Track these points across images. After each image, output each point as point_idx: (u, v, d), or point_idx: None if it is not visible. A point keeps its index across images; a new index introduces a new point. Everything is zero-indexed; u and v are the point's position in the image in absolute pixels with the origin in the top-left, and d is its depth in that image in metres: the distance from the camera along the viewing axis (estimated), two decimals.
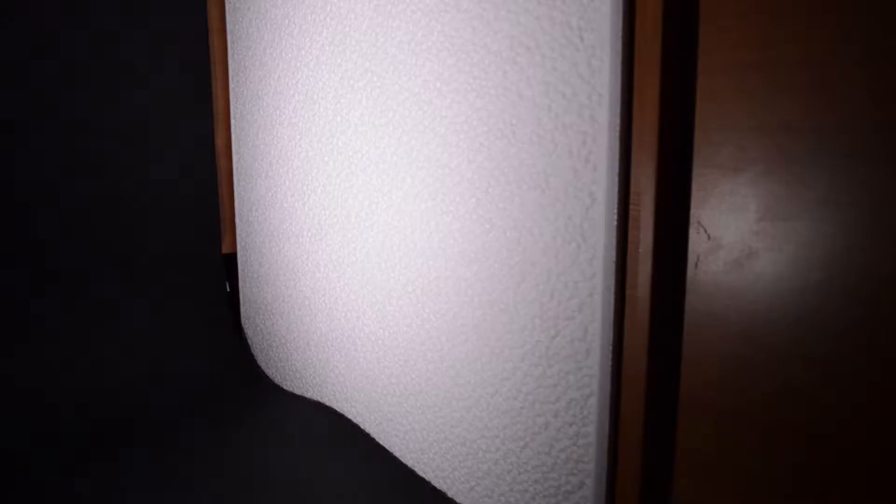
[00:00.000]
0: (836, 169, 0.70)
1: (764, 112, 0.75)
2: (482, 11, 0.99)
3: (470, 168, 1.05)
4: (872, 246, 0.68)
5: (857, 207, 0.68)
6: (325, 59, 1.37)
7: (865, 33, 0.67)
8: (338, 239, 1.40)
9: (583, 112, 0.87)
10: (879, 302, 0.68)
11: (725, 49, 0.78)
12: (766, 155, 0.75)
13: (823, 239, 0.71)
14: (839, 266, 0.71)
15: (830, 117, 0.69)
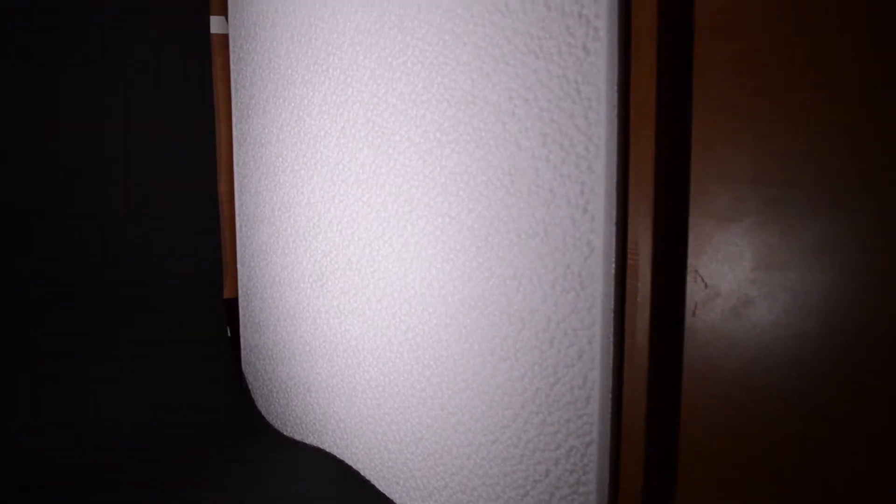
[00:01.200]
0: (829, 219, 0.71)
1: (758, 163, 0.76)
2: (481, 64, 1.02)
3: (470, 217, 1.06)
4: (866, 295, 0.69)
5: (850, 258, 0.70)
6: (327, 108, 1.40)
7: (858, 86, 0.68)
8: (339, 285, 1.41)
9: (580, 163, 0.89)
10: (875, 351, 0.69)
11: (720, 101, 0.79)
12: (761, 205, 0.76)
13: (818, 288, 0.72)
14: (834, 314, 0.71)
15: (823, 169, 0.71)
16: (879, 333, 0.68)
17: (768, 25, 0.74)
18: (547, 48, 0.92)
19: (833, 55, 0.69)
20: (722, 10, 0.78)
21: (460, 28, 1.05)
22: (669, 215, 0.85)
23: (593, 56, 0.86)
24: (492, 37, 1.00)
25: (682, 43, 0.82)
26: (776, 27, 0.73)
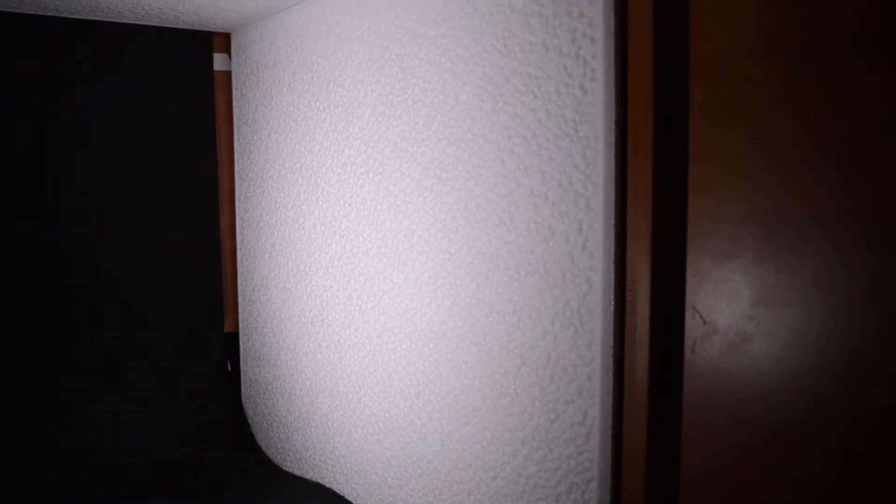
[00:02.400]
0: (824, 256, 0.72)
1: (754, 201, 0.77)
2: (480, 103, 1.03)
3: (470, 253, 1.07)
4: (863, 331, 0.69)
5: (847, 294, 0.70)
6: (328, 144, 1.41)
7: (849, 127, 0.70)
8: (340, 320, 1.41)
9: (578, 200, 0.90)
10: (873, 387, 0.69)
11: (715, 139, 0.81)
12: (757, 242, 0.77)
13: (815, 325, 0.73)
14: (832, 351, 0.72)
15: (816, 207, 0.72)
16: (878, 368, 0.68)
17: (762, 69, 0.75)
18: (545, 88, 0.93)
19: (824, 98, 0.71)
20: (716, 55, 0.80)
21: (460, 67, 1.07)
22: (667, 252, 0.86)
23: (591, 96, 0.88)
24: (491, 76, 1.01)
25: (678, 84, 0.84)
26: (770, 71, 0.75)
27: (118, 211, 1.69)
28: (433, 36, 1.11)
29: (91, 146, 1.65)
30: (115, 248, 1.69)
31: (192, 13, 1.55)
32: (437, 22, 1.11)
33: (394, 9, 1.20)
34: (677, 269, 0.86)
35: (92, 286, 1.67)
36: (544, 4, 0.93)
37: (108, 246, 1.68)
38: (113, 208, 1.68)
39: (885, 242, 0.67)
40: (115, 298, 1.69)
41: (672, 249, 0.86)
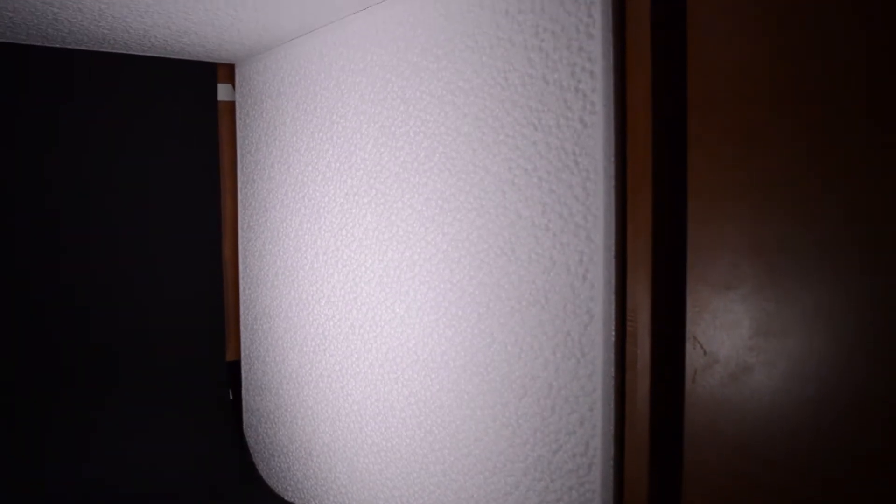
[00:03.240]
0: (823, 286, 0.72)
1: (752, 231, 0.78)
2: (482, 135, 1.04)
3: (472, 283, 1.08)
4: (863, 361, 0.70)
5: (846, 324, 0.71)
6: (331, 175, 1.42)
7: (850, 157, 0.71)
8: (341, 349, 1.42)
9: (579, 232, 0.91)
10: (873, 416, 0.69)
11: (714, 171, 0.82)
12: (757, 272, 0.78)
13: (815, 355, 0.73)
14: (832, 381, 0.72)
15: (816, 237, 0.73)
16: (877, 398, 0.69)
17: (760, 100, 0.77)
18: (546, 120, 0.95)
19: (824, 128, 0.72)
20: (714, 88, 0.81)
21: (461, 100, 1.08)
22: (667, 283, 0.86)
23: (590, 129, 0.89)
24: (492, 109, 1.03)
25: (676, 116, 0.85)
26: (768, 102, 0.76)
27: (121, 238, 1.70)
28: (435, 69, 1.13)
29: (94, 175, 1.66)
30: (117, 274, 1.70)
31: (197, 45, 1.57)
32: (438, 55, 1.12)
33: (396, 42, 1.21)
34: (677, 300, 0.86)
35: (93, 312, 1.67)
36: (544, 39, 0.94)
37: (111, 272, 1.69)
38: (116, 236, 1.69)
39: (886, 272, 0.68)
40: (116, 325, 1.70)
41: (672, 280, 0.86)
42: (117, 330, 1.70)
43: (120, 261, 1.70)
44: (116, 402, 1.70)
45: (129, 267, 1.71)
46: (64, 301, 1.64)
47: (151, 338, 1.74)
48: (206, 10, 1.28)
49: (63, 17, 1.31)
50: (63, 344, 1.64)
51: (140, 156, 1.71)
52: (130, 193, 1.70)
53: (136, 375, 1.73)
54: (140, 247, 1.72)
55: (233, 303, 1.87)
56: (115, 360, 1.70)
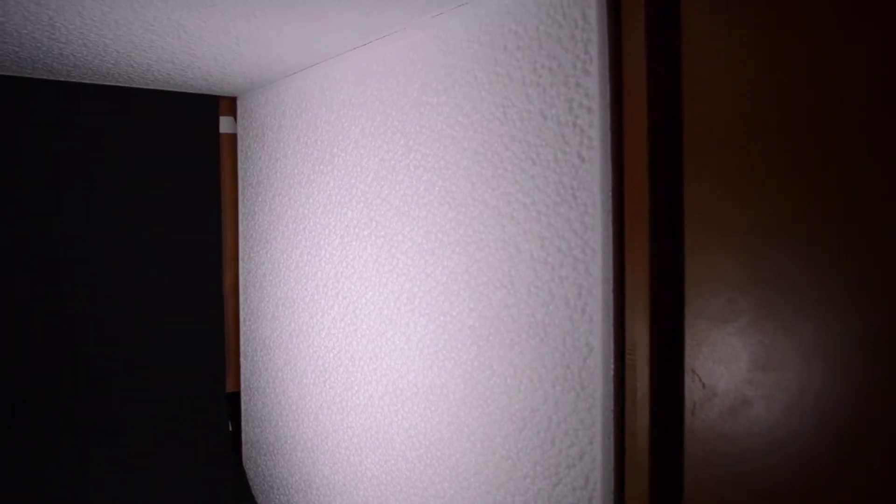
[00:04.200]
0: (820, 320, 0.73)
1: (749, 265, 0.79)
2: (481, 169, 1.05)
3: (471, 316, 1.08)
4: (861, 395, 0.70)
5: (843, 358, 0.71)
6: (331, 207, 1.43)
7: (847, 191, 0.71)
8: (341, 381, 1.42)
9: (577, 265, 0.91)
10: (871, 449, 0.69)
11: (710, 206, 0.82)
12: (754, 306, 0.78)
13: (814, 388, 0.74)
14: (831, 414, 0.73)
15: (814, 272, 0.73)
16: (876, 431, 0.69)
17: (756, 136, 0.78)
18: (544, 155, 0.96)
19: (820, 165, 0.73)
20: (710, 124, 0.82)
21: (460, 134, 1.09)
22: (666, 316, 0.87)
23: (588, 164, 0.90)
24: (490, 143, 1.04)
25: (673, 152, 0.86)
26: (763, 139, 0.77)
27: (122, 268, 1.71)
28: (434, 103, 1.14)
29: (96, 205, 1.67)
30: (118, 305, 1.70)
31: (200, 79, 1.59)
32: (438, 90, 1.14)
33: (396, 77, 1.23)
34: (676, 333, 0.87)
35: (94, 344, 1.67)
36: (542, 75, 0.96)
37: (111, 303, 1.69)
38: (117, 265, 1.70)
39: (883, 306, 0.68)
40: (116, 357, 1.70)
41: (670, 313, 0.87)
42: (117, 361, 1.70)
43: (121, 291, 1.70)
44: (116, 433, 1.69)
45: (130, 297, 1.72)
46: (64, 332, 1.64)
47: (151, 369, 1.74)
48: (210, 46, 1.30)
49: (68, 51, 1.32)
50: (63, 376, 1.64)
51: (142, 187, 1.73)
52: (132, 224, 1.71)
53: (135, 407, 1.72)
54: (141, 277, 1.73)
55: (233, 334, 1.88)
56: (115, 392, 1.70)
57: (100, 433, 1.67)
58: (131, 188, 1.71)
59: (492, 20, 1.04)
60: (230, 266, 1.87)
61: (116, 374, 1.70)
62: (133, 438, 1.71)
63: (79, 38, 1.23)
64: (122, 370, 1.71)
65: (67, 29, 1.18)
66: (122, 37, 1.23)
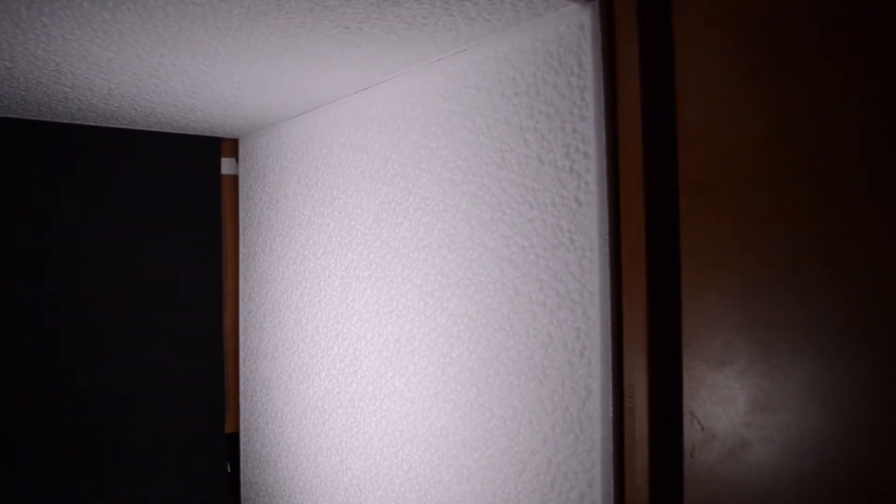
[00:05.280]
0: (817, 363, 0.74)
1: (745, 308, 0.80)
2: (479, 212, 1.07)
3: (470, 358, 1.09)
4: (860, 436, 0.70)
5: (841, 401, 0.72)
6: (332, 248, 1.45)
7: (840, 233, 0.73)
8: (341, 423, 1.42)
9: (575, 308, 0.92)
10: (870, 492, 0.70)
11: (706, 250, 0.84)
12: (751, 348, 0.79)
13: (812, 431, 0.74)
14: (829, 457, 0.73)
15: (808, 312, 0.74)
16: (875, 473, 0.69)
17: (751, 180, 0.79)
18: (541, 199, 0.97)
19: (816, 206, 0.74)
20: (705, 168, 0.83)
21: (459, 178, 1.11)
22: (664, 359, 0.87)
23: (585, 208, 0.91)
24: (489, 187, 1.05)
25: (668, 196, 0.87)
26: (758, 181, 0.78)
27: (121, 307, 1.71)
28: (434, 147, 1.16)
29: (97, 245, 1.68)
30: (117, 345, 1.70)
31: (202, 121, 1.61)
32: (437, 134, 1.16)
33: (396, 121, 1.25)
34: (674, 375, 0.87)
35: (93, 383, 1.67)
36: (539, 120, 0.98)
37: (110, 342, 1.70)
38: (116, 305, 1.70)
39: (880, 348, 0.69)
40: (115, 396, 1.70)
41: (668, 355, 0.87)
42: (116, 401, 1.70)
43: (121, 330, 1.71)
44: (115, 474, 1.68)
45: (131, 336, 1.72)
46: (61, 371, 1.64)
47: (150, 409, 1.74)
48: (213, 90, 1.33)
49: (73, 95, 1.35)
50: (61, 415, 1.64)
51: (143, 228, 1.74)
52: (133, 264, 1.72)
53: (134, 447, 1.72)
54: (141, 316, 1.73)
55: (233, 374, 1.88)
56: (113, 431, 1.69)
57: (98, 472, 1.67)
58: (133, 228, 1.72)
59: (490, 67, 1.06)
60: (230, 306, 1.87)
61: (114, 416, 1.69)
62: (131, 478, 1.70)
63: (84, 82, 1.25)
64: (121, 409, 1.70)
65: (73, 73, 1.20)
66: (126, 81, 1.26)
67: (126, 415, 1.71)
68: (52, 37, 1.01)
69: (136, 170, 1.73)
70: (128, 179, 1.72)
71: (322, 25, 0.99)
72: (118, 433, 1.70)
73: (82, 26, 0.97)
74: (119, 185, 1.71)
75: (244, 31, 1.01)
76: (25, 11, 0.91)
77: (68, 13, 0.92)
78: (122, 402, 1.70)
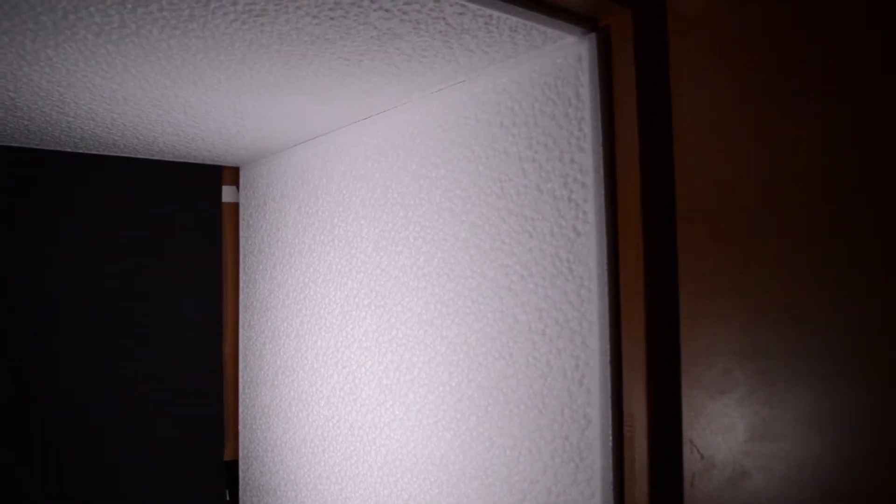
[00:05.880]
0: (815, 391, 0.74)
1: (744, 337, 0.80)
2: (479, 242, 1.08)
3: (470, 387, 1.09)
4: (858, 466, 0.71)
5: (840, 429, 0.72)
6: (332, 276, 1.45)
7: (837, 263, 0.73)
8: (341, 451, 1.41)
9: (574, 337, 0.93)
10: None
11: (703, 279, 0.84)
12: (749, 377, 0.79)
13: (811, 459, 0.74)
14: (828, 485, 0.73)
15: (806, 341, 0.75)
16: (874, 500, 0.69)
17: (747, 209, 0.80)
18: (540, 228, 0.98)
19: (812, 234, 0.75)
20: (701, 198, 0.84)
21: (459, 207, 1.12)
22: (663, 387, 0.88)
23: (583, 237, 0.92)
24: (488, 216, 1.06)
25: (666, 225, 0.88)
26: (755, 210, 0.79)
27: (121, 335, 1.71)
28: (433, 177, 1.17)
29: (99, 271, 1.69)
30: (115, 372, 1.70)
31: (204, 150, 1.63)
32: (436, 164, 1.17)
33: (396, 150, 1.26)
34: (673, 404, 0.87)
35: (91, 410, 1.67)
36: (537, 151, 0.99)
37: (109, 370, 1.70)
38: (115, 332, 1.71)
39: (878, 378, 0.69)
40: (114, 424, 1.69)
41: (667, 384, 0.88)
42: (116, 428, 1.69)
43: (120, 357, 1.71)
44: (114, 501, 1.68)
45: (129, 364, 1.72)
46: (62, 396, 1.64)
47: (149, 436, 1.74)
48: (215, 120, 1.34)
49: (77, 125, 1.36)
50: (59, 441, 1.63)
51: (145, 255, 1.75)
52: (134, 291, 1.73)
53: (133, 474, 1.71)
54: (141, 344, 1.73)
55: (232, 401, 1.87)
56: (112, 459, 1.69)
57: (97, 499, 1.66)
58: (134, 256, 1.73)
59: (488, 98, 1.07)
60: (230, 333, 1.88)
61: (114, 441, 1.69)
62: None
63: (87, 112, 1.27)
64: (121, 437, 1.70)
65: (77, 104, 1.21)
66: (129, 112, 1.27)
67: (125, 442, 1.70)
68: (57, 68, 1.02)
69: (137, 197, 1.74)
70: (129, 207, 1.73)
71: (323, 58, 1.00)
72: (117, 460, 1.69)
73: (87, 59, 0.98)
74: (121, 212, 1.72)
75: (246, 63, 1.02)
76: (31, 44, 0.92)
77: (73, 46, 0.93)
78: (121, 429, 1.70)
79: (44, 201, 1.63)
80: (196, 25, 0.88)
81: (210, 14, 0.84)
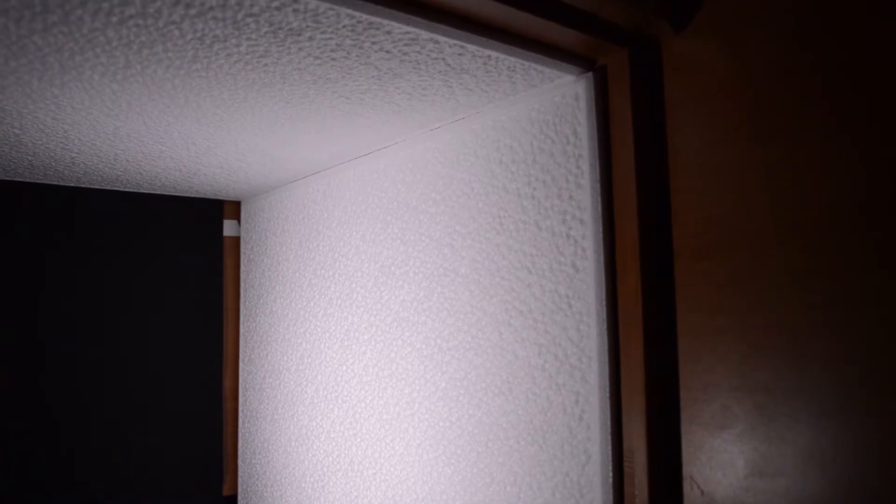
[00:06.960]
0: (815, 427, 0.74)
1: (742, 373, 0.80)
2: (478, 277, 1.08)
3: (470, 422, 1.09)
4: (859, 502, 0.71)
5: (840, 465, 0.72)
6: (332, 311, 1.46)
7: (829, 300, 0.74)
8: (341, 486, 1.41)
9: (574, 373, 0.93)
10: None
11: (701, 314, 0.85)
12: (748, 413, 0.80)
13: (811, 495, 0.74)
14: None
15: (805, 377, 0.75)
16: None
17: (744, 245, 0.81)
18: (539, 264, 0.99)
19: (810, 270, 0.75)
20: (698, 233, 0.85)
21: (458, 243, 1.13)
22: (662, 423, 0.88)
23: (582, 273, 0.93)
24: (488, 252, 1.07)
25: (664, 261, 0.89)
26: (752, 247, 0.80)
27: (119, 367, 1.71)
28: (433, 212, 1.18)
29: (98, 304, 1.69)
30: (114, 405, 1.70)
31: (205, 185, 1.64)
32: (436, 200, 1.18)
33: (396, 186, 1.28)
34: (673, 439, 0.88)
35: (90, 445, 1.66)
36: (536, 187, 1.00)
37: (107, 402, 1.69)
38: (114, 365, 1.71)
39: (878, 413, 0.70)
40: (111, 457, 1.69)
41: (667, 420, 0.88)
42: (113, 462, 1.69)
43: (118, 390, 1.71)
44: None
45: (128, 397, 1.72)
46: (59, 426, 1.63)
47: (148, 470, 1.73)
48: (217, 156, 1.35)
49: (80, 160, 1.37)
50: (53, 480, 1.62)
51: (144, 289, 1.75)
52: (134, 324, 1.73)
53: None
54: (139, 377, 1.73)
55: (231, 436, 1.87)
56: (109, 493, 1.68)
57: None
58: (133, 290, 1.74)
59: (487, 135, 1.09)
60: (230, 367, 1.88)
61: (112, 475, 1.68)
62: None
63: (91, 148, 1.28)
64: (119, 471, 1.69)
65: (81, 140, 1.23)
66: (132, 148, 1.28)
67: (123, 476, 1.70)
68: (62, 106, 1.04)
69: (138, 231, 1.75)
70: (131, 241, 1.74)
71: (324, 97, 1.02)
72: (115, 494, 1.68)
73: (92, 97, 1.00)
74: (121, 246, 1.73)
75: (249, 101, 1.04)
76: (37, 83, 0.94)
77: (79, 85, 0.95)
78: (120, 463, 1.69)
79: (44, 235, 1.64)
80: (200, 66, 0.89)
81: (214, 55, 0.86)
